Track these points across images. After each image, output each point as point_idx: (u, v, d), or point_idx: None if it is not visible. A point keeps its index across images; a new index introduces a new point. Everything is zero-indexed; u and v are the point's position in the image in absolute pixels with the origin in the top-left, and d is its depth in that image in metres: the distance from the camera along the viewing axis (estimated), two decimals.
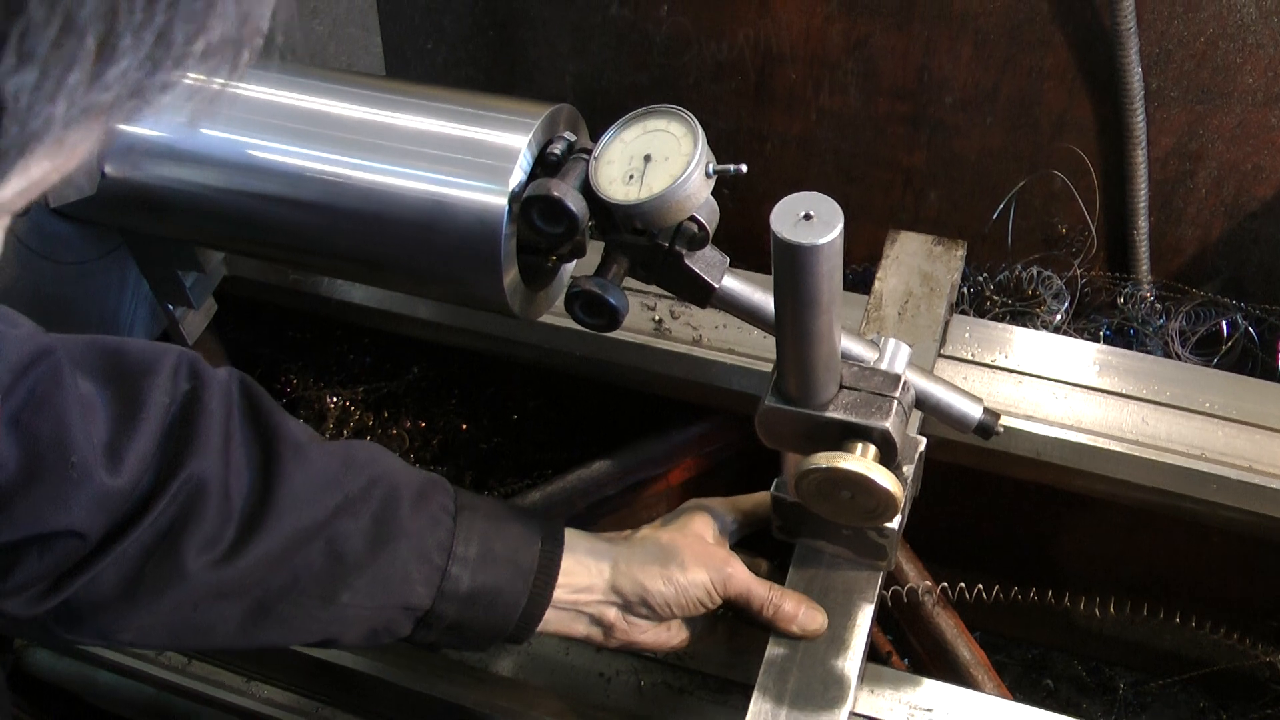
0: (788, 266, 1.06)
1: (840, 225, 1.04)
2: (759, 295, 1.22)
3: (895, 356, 1.24)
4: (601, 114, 1.27)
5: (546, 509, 1.71)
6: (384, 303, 1.78)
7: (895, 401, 1.18)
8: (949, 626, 1.59)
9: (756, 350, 1.62)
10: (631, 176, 1.13)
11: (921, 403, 1.26)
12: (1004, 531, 1.87)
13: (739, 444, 1.77)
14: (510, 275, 1.23)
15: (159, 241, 1.48)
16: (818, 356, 1.14)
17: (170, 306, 1.58)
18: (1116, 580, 1.82)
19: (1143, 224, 1.93)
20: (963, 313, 1.71)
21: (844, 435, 1.19)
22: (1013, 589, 1.50)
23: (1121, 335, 1.92)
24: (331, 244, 1.29)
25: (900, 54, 1.94)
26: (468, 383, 1.94)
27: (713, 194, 1.17)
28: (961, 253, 1.60)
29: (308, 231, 1.28)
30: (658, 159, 1.13)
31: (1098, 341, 1.85)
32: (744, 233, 1.55)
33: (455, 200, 1.21)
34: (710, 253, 1.20)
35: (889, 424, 1.17)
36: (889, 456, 1.18)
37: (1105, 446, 1.52)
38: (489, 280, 1.23)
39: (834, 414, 1.19)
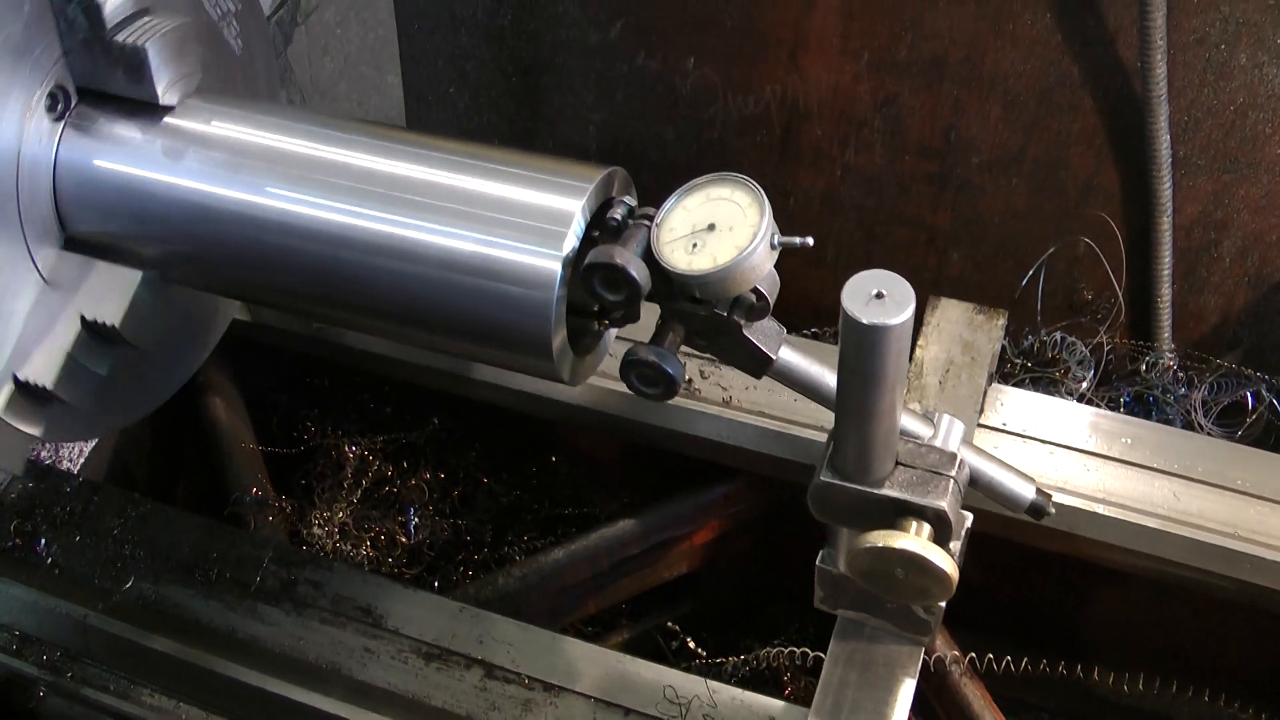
0: (857, 345, 1.05)
1: (912, 306, 1.03)
2: (816, 369, 1.20)
3: (950, 433, 1.22)
4: (625, 165, 1.24)
5: (570, 566, 1.68)
6: (404, 353, 1.75)
7: (952, 480, 1.17)
8: (975, 698, 1.58)
9: (787, 413, 1.60)
10: (695, 245, 1.11)
11: (974, 480, 1.25)
12: (1028, 600, 1.86)
13: (762, 506, 1.75)
14: (559, 339, 1.21)
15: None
16: (877, 434, 1.13)
17: None
18: (1138, 652, 1.80)
19: (1166, 291, 1.93)
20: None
21: (898, 513, 1.17)
22: (1036, 658, 1.50)
23: (1141, 403, 1.92)
24: (378, 305, 1.26)
25: (928, 113, 1.93)
26: (488, 435, 1.91)
27: None
28: (1002, 321, 1.59)
29: (354, 291, 1.25)
30: (721, 228, 1.12)
31: (1118, 408, 1.85)
32: None
33: (507, 263, 1.18)
34: (768, 323, 1.18)
35: (945, 504, 1.16)
36: (944, 536, 1.17)
37: (1139, 522, 1.52)
38: (538, 344, 1.20)
39: (890, 491, 1.17)
